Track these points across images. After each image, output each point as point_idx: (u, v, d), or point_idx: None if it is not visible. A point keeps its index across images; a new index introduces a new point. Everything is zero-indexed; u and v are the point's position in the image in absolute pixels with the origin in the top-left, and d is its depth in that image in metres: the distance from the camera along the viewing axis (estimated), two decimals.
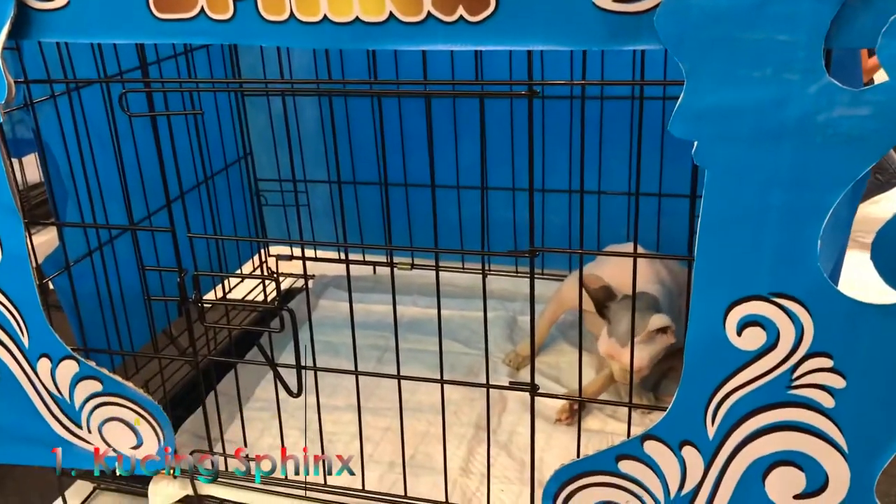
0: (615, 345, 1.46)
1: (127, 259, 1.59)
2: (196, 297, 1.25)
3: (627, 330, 1.43)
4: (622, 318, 1.45)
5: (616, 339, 1.46)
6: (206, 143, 1.85)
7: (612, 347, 1.47)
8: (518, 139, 1.95)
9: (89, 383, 1.34)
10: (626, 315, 1.44)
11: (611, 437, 1.50)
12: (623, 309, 1.46)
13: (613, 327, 1.47)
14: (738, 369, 1.05)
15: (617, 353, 1.46)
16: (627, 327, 1.43)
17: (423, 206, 2.08)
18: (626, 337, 1.43)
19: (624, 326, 1.44)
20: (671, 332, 1.43)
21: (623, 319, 1.45)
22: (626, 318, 1.44)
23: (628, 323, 1.42)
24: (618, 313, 1.47)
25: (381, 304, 2.03)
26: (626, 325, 1.43)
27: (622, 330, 1.45)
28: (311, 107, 2.05)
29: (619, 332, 1.45)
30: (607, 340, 1.48)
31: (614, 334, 1.46)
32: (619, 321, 1.46)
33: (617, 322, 1.46)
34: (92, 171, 1.50)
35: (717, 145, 0.95)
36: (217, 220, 1.92)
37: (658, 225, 1.91)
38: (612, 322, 1.47)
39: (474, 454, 1.50)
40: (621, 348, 1.45)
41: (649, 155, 1.87)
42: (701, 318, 1.04)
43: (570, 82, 1.15)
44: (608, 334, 1.48)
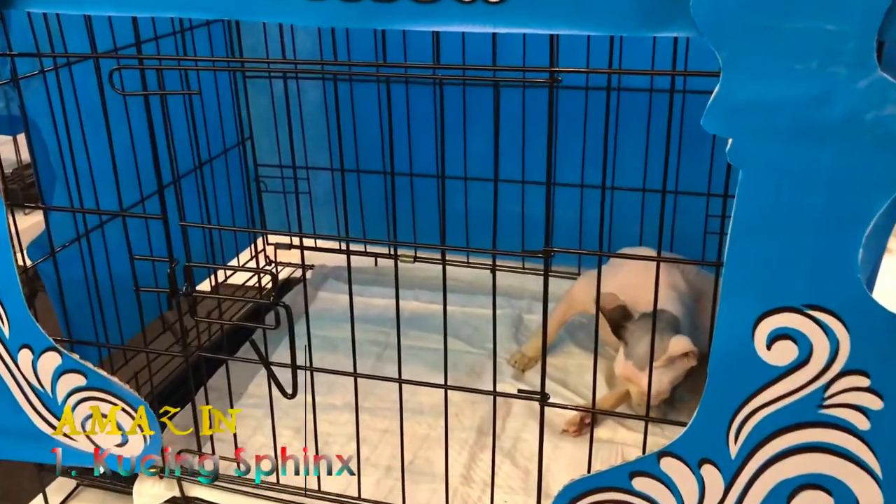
0: (633, 368, 1.38)
1: (118, 245, 1.51)
2: (187, 289, 1.18)
3: (646, 353, 1.35)
4: (640, 340, 1.37)
5: (633, 362, 1.38)
6: (204, 125, 1.78)
7: (630, 371, 1.39)
8: (530, 130, 1.87)
9: (72, 377, 1.27)
10: (644, 337, 1.36)
11: (620, 447, 1.43)
12: (641, 330, 1.38)
13: (631, 349, 1.39)
14: (766, 385, 0.97)
15: (635, 377, 1.39)
16: (646, 350, 1.35)
17: (428, 197, 2.01)
18: (644, 360, 1.36)
19: (642, 349, 1.36)
20: (692, 355, 1.35)
21: (641, 342, 1.37)
22: (644, 341, 1.36)
23: (647, 346, 1.34)
24: (635, 334, 1.39)
25: (382, 297, 1.96)
26: (645, 347, 1.35)
27: (640, 353, 1.36)
28: (315, 89, 1.97)
29: (637, 354, 1.37)
30: (624, 363, 1.40)
31: (632, 357, 1.38)
32: (637, 343, 1.38)
33: (634, 344, 1.38)
34: (82, 152, 1.42)
35: (754, 143, 0.88)
36: (215, 206, 1.85)
37: (672, 225, 1.83)
38: (630, 344, 1.39)
39: (476, 461, 1.42)
40: (639, 372, 1.37)
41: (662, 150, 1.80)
42: (728, 329, 0.96)
43: (601, 70, 1.07)
44: (625, 356, 1.40)
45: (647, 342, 1.34)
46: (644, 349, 1.35)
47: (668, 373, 1.34)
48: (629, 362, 1.38)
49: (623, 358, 1.39)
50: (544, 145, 1.88)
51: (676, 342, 1.32)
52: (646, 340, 1.35)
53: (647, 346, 1.34)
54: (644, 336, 1.36)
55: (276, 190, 2.05)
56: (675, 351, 1.32)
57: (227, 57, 1.76)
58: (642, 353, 1.35)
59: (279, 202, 2.08)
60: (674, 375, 1.36)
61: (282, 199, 2.07)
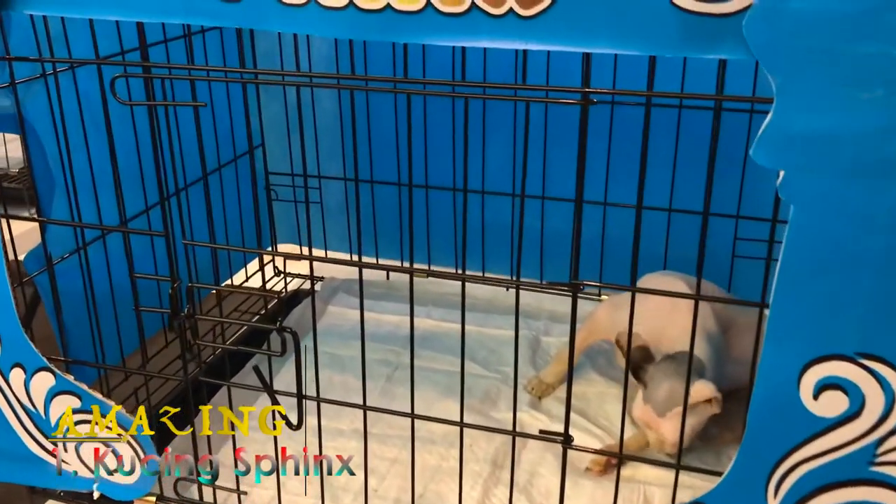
0: (651, 413, 1.30)
1: (120, 257, 1.45)
2: (189, 310, 1.11)
3: (665, 399, 1.27)
4: (661, 385, 1.28)
5: (653, 407, 1.29)
6: (214, 132, 1.71)
7: (648, 416, 1.30)
8: (552, 142, 1.80)
9: (66, 398, 1.20)
10: (665, 382, 1.28)
11: (643, 487, 1.35)
12: (662, 374, 1.29)
13: (650, 393, 1.30)
14: (811, 438, 0.90)
15: (654, 423, 1.30)
16: (666, 396, 1.27)
17: (444, 210, 1.93)
18: (664, 406, 1.27)
19: (662, 394, 1.28)
20: (716, 402, 1.27)
21: (662, 386, 1.28)
22: (665, 386, 1.28)
23: (668, 391, 1.27)
24: (655, 378, 1.30)
25: (394, 314, 1.89)
26: (666, 393, 1.27)
27: (660, 398, 1.28)
28: (330, 98, 1.90)
29: (657, 399, 1.29)
30: (642, 407, 1.31)
31: (651, 401, 1.30)
32: (658, 387, 1.29)
33: (655, 388, 1.30)
34: (84, 159, 1.36)
35: (809, 177, 0.80)
36: (223, 214, 1.78)
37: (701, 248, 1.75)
38: (649, 387, 1.31)
39: (490, 496, 1.35)
40: (658, 418, 1.29)
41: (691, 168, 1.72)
42: (772, 375, 0.89)
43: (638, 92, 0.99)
44: (643, 400, 1.31)
45: (667, 388, 1.27)
46: (663, 394, 1.27)
47: (688, 420, 1.26)
48: (647, 406, 1.30)
49: (641, 402, 1.31)
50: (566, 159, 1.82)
51: (698, 388, 1.24)
52: (666, 386, 1.27)
53: (667, 392, 1.27)
54: (664, 381, 1.28)
55: (288, 199, 1.98)
56: (698, 397, 1.24)
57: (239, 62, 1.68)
58: (661, 399, 1.27)
59: (290, 211, 2.01)
60: (695, 422, 1.28)
61: (292, 209, 2.00)
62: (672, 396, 1.26)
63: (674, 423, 1.25)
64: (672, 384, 1.26)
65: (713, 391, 1.24)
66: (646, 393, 1.30)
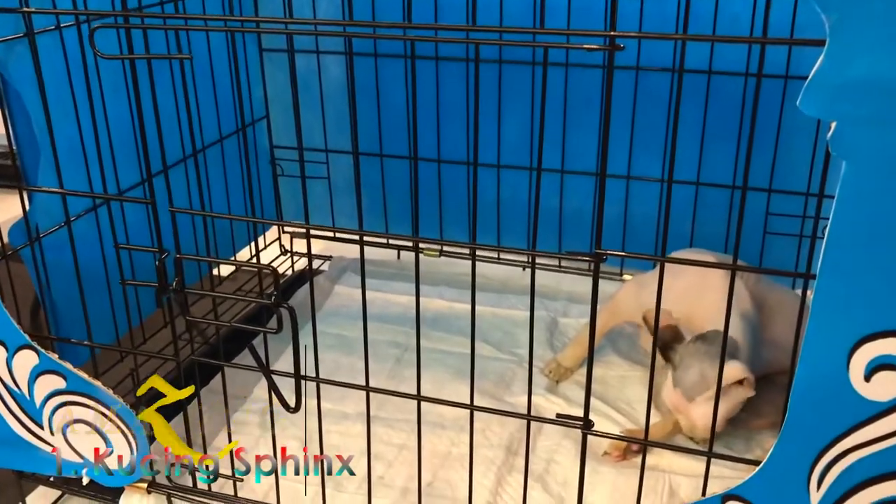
0: (681, 398, 1.20)
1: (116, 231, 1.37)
2: (178, 283, 1.03)
3: (695, 382, 1.17)
4: (691, 367, 1.19)
5: (682, 390, 1.20)
6: (215, 103, 1.63)
7: (678, 400, 1.21)
8: (571, 115, 1.70)
9: (50, 378, 1.13)
10: (695, 363, 1.18)
11: (668, 476, 1.26)
12: (692, 356, 1.20)
13: (680, 376, 1.21)
14: (861, 424, 0.80)
15: (683, 408, 1.20)
16: (697, 379, 1.17)
17: (456, 186, 1.84)
18: (693, 390, 1.18)
19: (692, 377, 1.18)
20: (748, 384, 1.17)
21: (692, 368, 1.19)
22: (695, 368, 1.18)
23: (698, 374, 1.17)
24: (685, 359, 1.20)
25: (404, 294, 1.80)
26: (696, 376, 1.18)
27: (690, 381, 1.19)
28: (337, 66, 1.82)
29: (687, 383, 1.19)
30: (672, 390, 1.22)
31: (680, 385, 1.20)
32: (687, 370, 1.19)
33: (685, 370, 1.20)
34: (73, 127, 1.28)
35: (864, 129, 0.70)
36: (226, 190, 1.70)
37: (728, 225, 1.65)
38: (679, 369, 1.21)
39: (503, 485, 1.26)
40: (687, 402, 1.19)
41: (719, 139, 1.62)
42: (818, 355, 0.79)
43: (669, 35, 0.89)
44: (673, 383, 1.22)
45: (697, 370, 1.17)
46: (693, 377, 1.18)
47: (720, 405, 1.16)
48: (677, 391, 1.20)
49: (671, 385, 1.22)
50: (586, 132, 1.73)
51: (728, 369, 1.14)
52: (696, 368, 1.18)
53: (697, 375, 1.17)
54: (694, 362, 1.18)
55: (294, 174, 1.89)
56: (730, 378, 1.14)
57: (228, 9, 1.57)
58: (691, 382, 1.18)
59: (297, 188, 1.92)
60: (728, 406, 1.19)
61: (298, 184, 1.91)
62: (702, 379, 1.16)
63: (705, 407, 1.16)
64: (702, 366, 1.17)
65: (745, 371, 1.14)
66: (675, 376, 1.21)
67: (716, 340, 1.18)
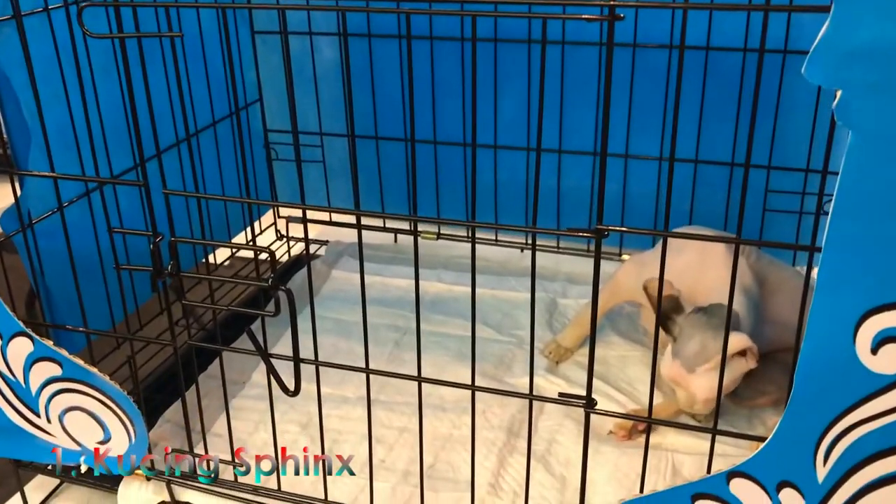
0: (680, 369, 1.18)
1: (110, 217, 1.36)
2: (173, 267, 1.01)
3: (695, 353, 1.16)
4: (691, 338, 1.17)
5: (682, 362, 1.18)
6: (207, 86, 1.61)
7: (677, 372, 1.19)
8: (569, 93, 1.68)
9: (46, 365, 1.11)
10: (696, 334, 1.16)
11: (670, 455, 1.25)
12: (693, 327, 1.18)
13: (679, 347, 1.19)
14: (868, 397, 0.79)
15: (683, 380, 1.18)
16: (697, 350, 1.16)
17: (453, 168, 1.83)
18: (694, 361, 1.16)
19: (693, 348, 1.16)
20: (751, 354, 1.16)
21: (692, 340, 1.17)
22: (696, 339, 1.16)
23: (699, 345, 1.15)
24: (686, 331, 1.19)
25: (402, 277, 1.79)
26: (696, 347, 1.16)
27: (690, 352, 1.17)
28: (330, 47, 1.79)
29: (687, 354, 1.17)
30: (671, 362, 1.19)
31: (680, 356, 1.18)
32: (688, 341, 1.17)
33: (684, 342, 1.18)
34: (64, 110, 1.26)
35: (872, 97, 0.69)
36: (220, 175, 1.68)
37: (728, 201, 1.64)
38: (679, 340, 1.20)
39: (505, 466, 1.25)
40: (687, 374, 1.18)
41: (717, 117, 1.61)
42: (823, 328, 0.78)
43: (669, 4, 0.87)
44: (672, 355, 1.20)
45: (698, 341, 1.16)
46: (694, 348, 1.16)
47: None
48: (676, 362, 1.18)
49: (670, 357, 1.20)
50: (583, 111, 1.72)
51: (734, 339, 1.13)
52: (696, 339, 1.16)
53: (697, 346, 1.16)
54: (696, 334, 1.16)
55: (288, 158, 1.88)
56: (732, 349, 1.12)
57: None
58: (692, 353, 1.16)
59: (291, 172, 1.91)
60: (729, 379, 1.17)
61: (293, 169, 1.89)
62: (703, 350, 1.15)
63: (705, 379, 1.14)
64: (703, 337, 1.15)
65: (747, 341, 1.13)
66: (674, 347, 1.19)
67: (717, 313, 1.17)
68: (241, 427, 1.31)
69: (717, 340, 1.13)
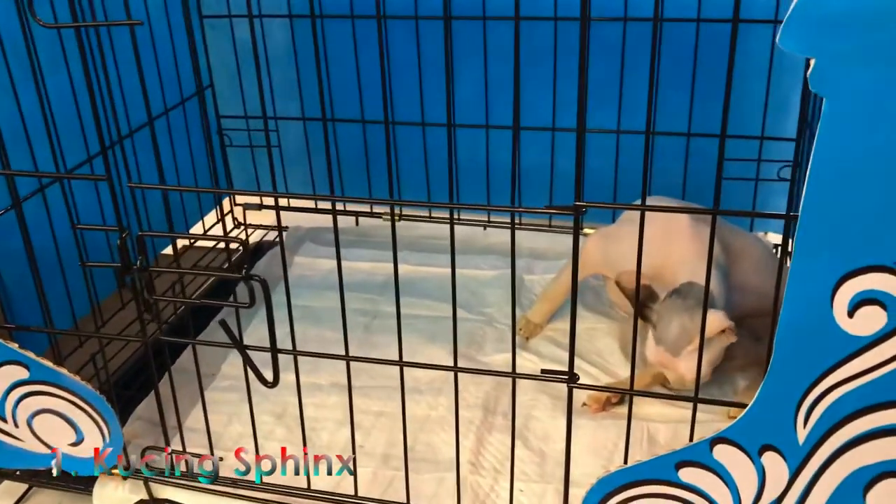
0: (665, 354, 1.20)
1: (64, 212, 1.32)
2: (142, 263, 0.99)
3: (678, 337, 1.18)
4: (671, 322, 1.19)
5: (666, 347, 1.20)
6: (158, 75, 1.57)
7: (663, 357, 1.21)
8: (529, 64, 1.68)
9: (12, 369, 1.08)
10: (675, 318, 1.18)
11: (645, 424, 1.27)
12: (670, 311, 1.20)
13: (661, 334, 1.21)
14: (846, 359, 0.82)
15: (671, 364, 1.21)
16: (678, 332, 1.18)
17: (411, 148, 1.82)
18: (677, 345, 1.18)
19: (674, 332, 1.19)
20: (730, 331, 1.19)
21: (672, 324, 1.19)
22: (675, 323, 1.18)
23: (678, 328, 1.18)
24: (665, 316, 1.21)
25: (366, 260, 1.78)
26: (677, 330, 1.18)
27: (672, 336, 1.19)
28: (281, 30, 1.76)
29: (669, 339, 1.19)
30: (655, 349, 1.22)
31: (663, 342, 1.20)
32: (668, 326, 1.19)
33: (665, 327, 1.20)
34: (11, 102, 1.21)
35: (845, 65, 0.70)
36: (174, 165, 1.64)
37: (685, 172, 1.67)
38: (659, 327, 1.22)
39: (484, 444, 1.26)
40: (674, 358, 1.20)
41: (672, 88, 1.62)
42: (801, 293, 0.80)
43: None
44: (655, 341, 1.22)
45: (678, 325, 1.18)
46: (675, 332, 1.18)
47: (706, 355, 1.17)
48: (660, 348, 1.20)
49: (653, 343, 1.22)
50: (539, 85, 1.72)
51: (711, 319, 1.15)
52: (676, 323, 1.18)
53: (679, 329, 1.18)
54: (673, 318, 1.19)
55: (242, 144, 1.84)
56: (710, 330, 1.15)
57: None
58: (674, 337, 1.18)
59: (245, 158, 1.87)
60: (712, 356, 1.20)
61: (248, 155, 1.86)
62: (684, 333, 1.17)
63: (692, 360, 1.17)
64: (682, 320, 1.18)
65: (725, 320, 1.16)
66: (656, 334, 1.21)
67: (690, 293, 1.19)
68: (215, 419, 1.29)
69: (695, 321, 1.15)
